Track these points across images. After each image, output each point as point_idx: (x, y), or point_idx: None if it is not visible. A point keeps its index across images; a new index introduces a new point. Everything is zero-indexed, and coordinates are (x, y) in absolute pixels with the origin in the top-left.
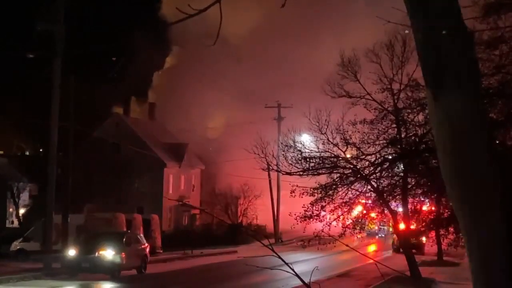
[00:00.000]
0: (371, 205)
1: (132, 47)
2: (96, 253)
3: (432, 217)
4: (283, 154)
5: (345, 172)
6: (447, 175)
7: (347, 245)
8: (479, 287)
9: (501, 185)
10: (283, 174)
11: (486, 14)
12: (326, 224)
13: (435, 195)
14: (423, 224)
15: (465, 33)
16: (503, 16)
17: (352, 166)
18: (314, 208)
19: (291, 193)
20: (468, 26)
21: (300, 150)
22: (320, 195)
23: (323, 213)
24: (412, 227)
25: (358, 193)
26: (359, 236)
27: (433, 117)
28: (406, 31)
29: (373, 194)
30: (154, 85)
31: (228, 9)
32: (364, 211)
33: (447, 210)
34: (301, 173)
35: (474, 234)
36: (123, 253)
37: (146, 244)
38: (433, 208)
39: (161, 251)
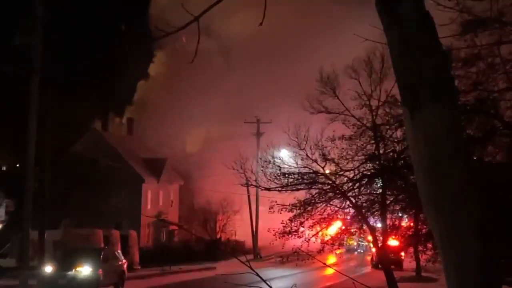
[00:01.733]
0: (350, 221)
1: (112, 61)
2: (73, 270)
3: (411, 233)
4: (262, 170)
5: (324, 188)
6: (423, 193)
7: (324, 264)
8: None
9: (477, 204)
10: (262, 189)
11: (463, 32)
12: (305, 240)
13: (413, 211)
14: (402, 240)
15: (440, 50)
16: (480, 34)
17: (331, 182)
18: (293, 224)
19: (269, 209)
20: (445, 44)
21: (279, 166)
22: (298, 211)
23: (302, 229)
24: (391, 243)
25: (337, 208)
26: (338, 251)
27: (409, 135)
28: (386, 49)
29: (352, 210)
30: (132, 100)
31: (206, 25)
32: (343, 227)
33: (425, 226)
34: (279, 188)
35: (450, 253)
36: (100, 270)
37: (124, 261)
38: (411, 224)
39: (139, 267)
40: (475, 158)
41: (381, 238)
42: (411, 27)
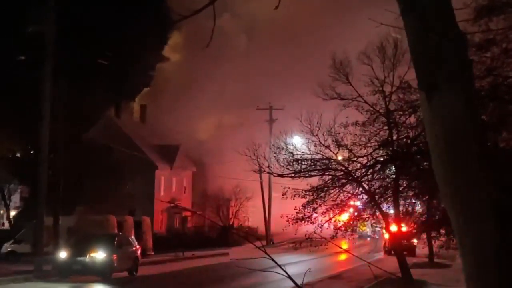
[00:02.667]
0: (363, 207)
1: (126, 48)
2: (87, 255)
3: (424, 219)
4: (274, 156)
5: (337, 174)
6: (440, 177)
7: (340, 248)
8: None
9: (495, 188)
10: (274, 176)
11: (478, 17)
12: (318, 226)
13: (427, 197)
14: (415, 226)
15: (459, 34)
16: (494, 19)
17: (343, 168)
18: (306, 210)
19: (282, 195)
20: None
21: (291, 152)
22: (311, 197)
23: (314, 215)
24: (404, 229)
25: (349, 195)
26: (350, 238)
27: (426, 119)
28: (398, 36)
29: (365, 196)
30: (145, 86)
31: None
32: (356, 213)
33: (438, 212)
34: (292, 175)
35: (467, 239)
36: (114, 255)
37: (138, 246)
38: (424, 210)
39: (153, 253)
40: (489, 144)
41: (394, 224)
42: (429, 10)
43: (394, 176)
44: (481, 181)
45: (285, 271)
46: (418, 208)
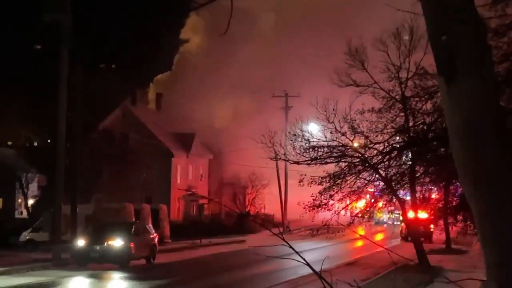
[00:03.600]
0: (379, 193)
1: (142, 35)
2: (105, 243)
3: (441, 205)
4: (290, 144)
5: (353, 161)
6: (460, 163)
7: (357, 234)
8: (491, 276)
9: None
10: (290, 163)
11: (495, 2)
12: (335, 213)
13: (444, 183)
14: (432, 212)
15: (478, 19)
16: (511, 4)
17: (360, 155)
18: (322, 197)
19: (299, 182)
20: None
21: (307, 139)
22: (328, 184)
23: (331, 202)
24: (421, 215)
25: (366, 182)
26: (367, 224)
27: (445, 104)
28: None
29: (381, 183)
30: (161, 75)
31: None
32: (372, 200)
33: (455, 198)
34: (309, 162)
35: (488, 226)
36: (132, 243)
37: (155, 234)
38: (441, 197)
39: (170, 241)
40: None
41: (410, 210)
42: None
43: (410, 162)
44: (502, 168)
45: (303, 258)
46: (435, 194)
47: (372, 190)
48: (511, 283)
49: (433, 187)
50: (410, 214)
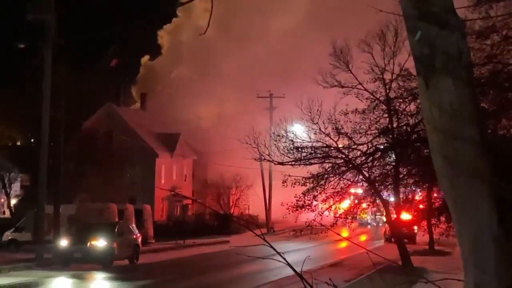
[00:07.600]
0: (363, 194)
1: (125, 35)
2: (88, 243)
3: (424, 207)
4: (275, 144)
5: (337, 162)
6: (438, 165)
7: (338, 234)
8: (469, 276)
9: (493, 176)
10: (275, 164)
11: (478, 4)
12: (318, 214)
13: (427, 184)
14: (415, 213)
15: (457, 20)
16: (494, 6)
17: (344, 156)
18: (306, 198)
19: (283, 182)
20: (458, 15)
21: (292, 140)
22: (312, 185)
23: (315, 202)
24: (404, 216)
25: (349, 182)
26: (351, 225)
27: (424, 105)
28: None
29: (365, 184)
30: (145, 74)
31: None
32: (356, 201)
33: (438, 200)
34: (293, 163)
35: (465, 226)
36: (115, 243)
37: (138, 234)
38: (424, 198)
39: (153, 241)
40: (489, 131)
41: (394, 212)
42: None
43: (394, 163)
44: (479, 168)
45: (285, 259)
46: (419, 195)
47: (357, 191)
48: (487, 284)
49: (416, 188)
50: (394, 215)
